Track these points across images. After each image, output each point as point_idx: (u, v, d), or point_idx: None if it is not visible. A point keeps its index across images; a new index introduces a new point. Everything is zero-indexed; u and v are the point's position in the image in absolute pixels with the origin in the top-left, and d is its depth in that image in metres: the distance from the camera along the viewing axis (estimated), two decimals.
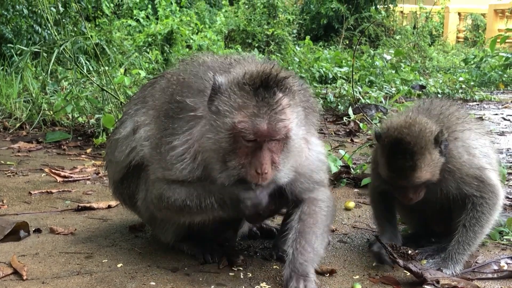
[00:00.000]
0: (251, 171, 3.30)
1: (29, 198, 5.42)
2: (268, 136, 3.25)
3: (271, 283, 3.58)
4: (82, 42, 9.47)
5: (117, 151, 4.05)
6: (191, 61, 4.02)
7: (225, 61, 3.80)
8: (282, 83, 3.31)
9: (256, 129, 3.22)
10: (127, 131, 4.02)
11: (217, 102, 3.34)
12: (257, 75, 3.30)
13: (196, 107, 3.53)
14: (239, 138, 3.27)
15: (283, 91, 3.31)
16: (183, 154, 3.53)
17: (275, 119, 3.24)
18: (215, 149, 3.36)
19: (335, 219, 4.81)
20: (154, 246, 4.14)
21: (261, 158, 3.27)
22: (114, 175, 4.19)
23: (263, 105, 3.24)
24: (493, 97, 14.46)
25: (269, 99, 3.25)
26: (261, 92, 3.26)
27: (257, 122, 3.22)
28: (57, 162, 6.95)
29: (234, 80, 3.34)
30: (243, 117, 3.24)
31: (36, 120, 8.75)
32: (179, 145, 3.53)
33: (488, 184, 3.73)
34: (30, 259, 3.89)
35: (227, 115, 3.28)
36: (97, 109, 8.73)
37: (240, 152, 3.31)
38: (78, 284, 3.52)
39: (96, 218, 4.87)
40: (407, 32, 23.00)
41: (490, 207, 3.73)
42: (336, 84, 13.57)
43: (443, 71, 18.81)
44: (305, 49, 18.32)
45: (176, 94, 3.68)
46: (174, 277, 3.65)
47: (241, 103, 3.26)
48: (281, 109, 3.27)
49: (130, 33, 21.30)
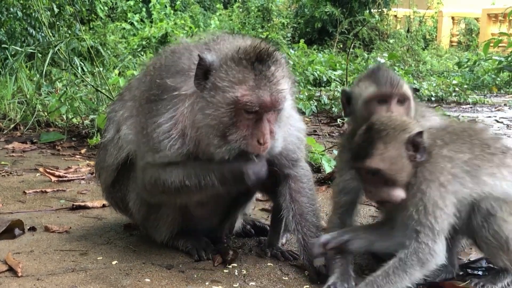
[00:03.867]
0: (253, 142, 3.41)
1: (24, 197, 5.42)
2: (271, 107, 3.39)
3: (265, 280, 3.60)
4: (77, 43, 9.47)
5: (107, 156, 4.08)
6: (165, 49, 4.09)
7: (200, 41, 3.86)
8: (273, 56, 3.43)
9: (261, 101, 3.34)
10: (111, 134, 4.06)
11: (213, 79, 3.40)
12: (251, 49, 3.41)
13: (177, 86, 3.59)
14: (240, 111, 3.37)
15: (275, 64, 3.43)
16: (169, 131, 3.58)
17: (276, 90, 3.39)
18: (213, 125, 3.42)
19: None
20: (148, 244, 4.15)
21: (263, 128, 3.40)
22: (105, 181, 4.21)
23: (261, 78, 3.37)
24: (486, 100, 14.52)
25: (266, 72, 3.38)
26: (257, 66, 3.37)
27: (261, 94, 3.34)
28: (52, 162, 6.95)
29: (228, 55, 3.43)
30: (245, 91, 3.35)
31: (30, 121, 8.75)
32: (164, 122, 3.59)
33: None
34: (25, 257, 3.90)
35: (227, 90, 3.37)
36: (91, 110, 8.74)
37: (241, 125, 3.40)
38: (72, 280, 3.53)
39: (90, 217, 4.88)
40: (401, 36, 23.09)
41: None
42: (330, 87, 13.62)
43: (437, 74, 18.88)
44: (300, 52, 18.38)
45: (156, 78, 3.74)
46: (169, 274, 3.66)
47: (241, 77, 3.36)
48: (277, 81, 3.41)
49: (125, 36, 21.32)
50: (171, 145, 3.58)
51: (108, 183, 4.17)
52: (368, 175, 3.29)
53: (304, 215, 3.84)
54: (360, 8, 24.58)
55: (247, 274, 3.69)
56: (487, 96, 15.67)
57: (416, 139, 3.25)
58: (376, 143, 3.23)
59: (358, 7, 24.54)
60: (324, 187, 5.88)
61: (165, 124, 3.58)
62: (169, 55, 3.88)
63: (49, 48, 9.12)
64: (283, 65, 3.50)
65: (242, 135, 3.41)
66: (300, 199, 3.87)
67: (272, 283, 3.56)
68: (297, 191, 3.88)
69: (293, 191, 3.88)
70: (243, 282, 3.57)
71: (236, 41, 3.59)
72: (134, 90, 3.99)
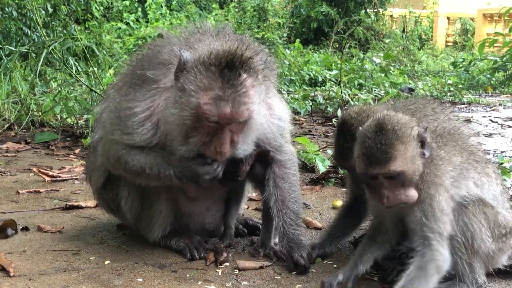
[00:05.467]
0: (210, 148, 3.43)
1: (17, 197, 5.41)
2: (230, 120, 3.35)
3: (258, 279, 3.60)
4: (72, 43, 9.44)
5: (97, 157, 4.07)
6: (149, 43, 4.14)
7: (183, 34, 3.86)
8: (246, 63, 3.37)
9: (220, 112, 3.30)
10: (99, 134, 4.06)
11: (183, 80, 3.40)
12: (222, 55, 3.34)
13: (157, 79, 3.60)
14: (202, 118, 3.35)
15: (247, 71, 3.37)
16: (144, 121, 3.59)
17: (238, 102, 3.32)
18: (178, 124, 3.44)
19: (322, 218, 4.86)
20: (141, 244, 4.14)
21: (221, 138, 3.39)
22: (96, 182, 4.20)
23: (228, 87, 3.30)
24: (481, 100, 14.53)
25: (234, 81, 3.31)
26: (226, 73, 3.31)
27: (221, 105, 3.29)
28: (46, 162, 6.93)
29: (200, 58, 3.39)
30: (208, 99, 3.30)
31: (24, 121, 8.72)
32: (140, 112, 3.60)
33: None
34: (17, 256, 3.89)
35: (192, 94, 3.35)
36: (86, 110, 8.72)
37: (202, 130, 3.40)
38: (65, 280, 3.52)
39: (84, 217, 4.87)
40: (396, 36, 23.07)
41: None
42: (325, 87, 13.62)
43: (432, 74, 18.90)
44: (295, 52, 18.36)
45: (137, 69, 3.77)
46: (161, 274, 3.66)
47: (207, 84, 3.32)
48: (245, 91, 3.34)
49: (120, 36, 21.29)
50: (143, 134, 3.60)
51: (99, 184, 4.16)
52: (386, 179, 3.14)
53: (285, 202, 3.88)
54: (356, 8, 24.57)
55: (240, 273, 3.69)
56: (482, 96, 15.69)
57: (423, 135, 3.20)
58: (395, 145, 3.10)
59: (354, 7, 24.53)
60: (318, 186, 5.88)
61: (141, 114, 3.59)
62: (151, 47, 3.92)
63: (43, 47, 9.07)
64: (257, 72, 3.44)
65: (202, 140, 3.43)
66: (283, 186, 3.90)
67: (265, 283, 3.56)
68: (280, 177, 3.91)
69: (277, 177, 3.90)
70: (235, 281, 3.57)
71: (215, 42, 3.56)
72: (117, 82, 4.01)
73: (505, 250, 3.52)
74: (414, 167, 3.15)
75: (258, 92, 3.45)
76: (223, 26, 3.88)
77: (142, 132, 3.60)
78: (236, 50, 3.36)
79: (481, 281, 3.40)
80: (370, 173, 3.16)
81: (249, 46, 3.50)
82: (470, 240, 3.29)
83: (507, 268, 3.65)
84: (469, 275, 3.36)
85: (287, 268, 3.73)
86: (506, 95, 16.49)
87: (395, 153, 3.09)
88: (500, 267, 3.57)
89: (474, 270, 3.36)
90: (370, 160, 3.12)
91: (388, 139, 3.11)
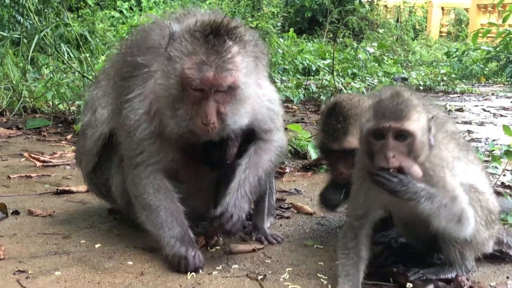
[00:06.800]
0: (197, 122, 3.33)
1: (8, 182, 5.39)
2: (213, 85, 3.28)
3: (248, 263, 3.61)
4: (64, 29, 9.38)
5: (86, 141, 4.06)
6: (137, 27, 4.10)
7: (172, 16, 3.82)
8: (232, 31, 3.34)
9: (202, 76, 3.24)
10: (88, 117, 4.04)
11: (169, 49, 3.37)
12: (208, 23, 3.33)
13: (148, 64, 3.57)
14: (186, 85, 3.30)
15: (233, 39, 3.33)
16: (138, 108, 3.56)
17: (222, 68, 3.27)
18: (165, 96, 3.40)
19: (314, 204, 4.87)
20: (132, 228, 4.12)
21: (206, 108, 3.29)
22: (86, 166, 4.18)
23: (211, 53, 3.26)
24: (474, 89, 14.59)
25: (218, 47, 3.27)
26: (211, 40, 3.28)
27: (204, 69, 3.25)
28: (37, 148, 6.91)
29: (187, 27, 3.37)
30: (191, 64, 3.27)
31: (16, 107, 8.68)
32: (133, 98, 3.58)
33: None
34: (7, 240, 3.88)
35: (177, 61, 3.32)
36: (77, 96, 8.69)
37: (188, 101, 3.34)
38: (55, 263, 3.52)
39: (75, 201, 4.86)
40: (390, 26, 23.09)
41: None
42: (319, 76, 13.61)
43: (426, 64, 18.92)
44: (289, 41, 18.31)
45: (127, 56, 3.74)
46: (152, 257, 3.67)
47: (191, 49, 3.29)
48: (230, 57, 3.29)
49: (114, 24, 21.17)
50: (139, 124, 3.56)
51: (89, 169, 4.15)
52: (396, 139, 3.03)
53: (257, 166, 3.72)
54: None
55: (230, 257, 3.70)
56: (475, 86, 15.74)
57: (430, 122, 3.16)
58: (412, 110, 3.05)
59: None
60: (309, 173, 5.89)
61: (134, 100, 3.57)
62: (140, 32, 3.90)
63: (35, 33, 9.02)
64: (244, 42, 3.40)
65: (189, 112, 3.35)
66: (261, 154, 3.77)
67: (255, 266, 3.57)
68: (262, 149, 3.79)
69: (259, 148, 3.79)
70: (225, 264, 3.58)
71: (203, 16, 3.54)
72: (108, 69, 3.99)
73: (493, 235, 3.55)
74: (422, 140, 3.07)
75: (245, 62, 3.39)
76: (214, 10, 3.84)
77: (136, 118, 3.56)
78: (222, 20, 3.35)
79: (470, 266, 3.43)
80: (382, 126, 3.02)
81: (238, 23, 3.47)
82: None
83: (496, 252, 3.68)
84: (459, 262, 3.39)
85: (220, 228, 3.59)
86: (499, 85, 16.55)
87: (411, 114, 3.03)
88: (490, 251, 3.59)
89: (465, 257, 3.39)
90: (384, 114, 3.03)
91: (404, 102, 3.06)
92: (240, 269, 3.52)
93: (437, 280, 3.33)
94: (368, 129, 3.09)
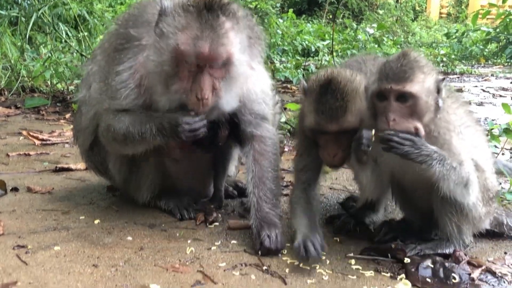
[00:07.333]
0: (191, 96, 3.31)
1: (7, 160, 5.39)
2: (209, 59, 3.26)
3: (247, 238, 3.62)
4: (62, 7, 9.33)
5: (82, 117, 4.05)
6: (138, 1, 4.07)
7: None
8: (226, 7, 3.32)
9: (197, 51, 3.23)
10: (83, 93, 4.02)
11: (161, 25, 3.35)
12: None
13: (140, 37, 3.56)
14: (181, 61, 3.28)
15: (227, 15, 3.31)
16: (127, 80, 3.55)
17: (217, 42, 3.25)
18: (158, 72, 3.37)
19: None
20: (131, 205, 4.15)
21: (201, 83, 3.28)
22: (83, 144, 4.18)
23: (205, 28, 3.24)
24: (474, 70, 14.57)
25: (212, 22, 3.25)
26: (205, 15, 3.26)
27: (199, 44, 3.23)
28: (36, 127, 6.90)
29: (179, 3, 3.35)
30: (186, 39, 3.24)
31: (15, 86, 8.67)
32: (123, 71, 3.56)
33: None
34: (7, 216, 3.89)
35: (170, 36, 3.29)
36: (76, 75, 8.66)
37: (182, 76, 3.32)
38: (54, 238, 3.53)
39: (74, 179, 4.86)
40: (390, 7, 22.99)
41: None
42: (318, 57, 13.58)
43: (426, 46, 18.88)
44: (288, 22, 18.24)
45: (121, 28, 3.74)
46: (151, 233, 3.68)
47: (185, 24, 3.27)
48: (223, 32, 3.27)
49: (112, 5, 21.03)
50: (127, 94, 3.55)
51: (86, 146, 4.15)
52: (398, 101, 3.03)
53: (263, 179, 3.72)
54: None
55: (229, 232, 3.71)
56: (474, 67, 15.72)
57: (440, 84, 3.14)
58: (416, 71, 3.03)
59: None
60: None
61: (124, 73, 3.56)
62: (137, 6, 3.88)
63: (33, 12, 8.96)
64: (237, 18, 3.37)
65: (183, 87, 3.33)
66: (262, 162, 3.76)
67: (253, 241, 3.58)
68: (260, 153, 3.78)
69: (257, 153, 3.78)
70: (224, 240, 3.59)
71: None
72: (104, 43, 3.96)
73: (491, 212, 3.56)
74: (426, 101, 3.06)
75: (239, 38, 3.37)
76: None
77: (126, 92, 3.55)
78: None
79: (467, 241, 3.44)
80: (384, 88, 3.04)
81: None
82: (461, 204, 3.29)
83: (494, 229, 3.69)
84: (457, 236, 3.39)
85: (252, 244, 3.51)
86: (498, 66, 16.52)
87: (414, 76, 3.04)
88: (488, 227, 3.61)
89: (462, 232, 3.39)
90: (387, 75, 3.04)
91: (409, 62, 3.06)
92: (239, 244, 3.53)
93: (435, 255, 3.34)
94: (372, 91, 3.12)
